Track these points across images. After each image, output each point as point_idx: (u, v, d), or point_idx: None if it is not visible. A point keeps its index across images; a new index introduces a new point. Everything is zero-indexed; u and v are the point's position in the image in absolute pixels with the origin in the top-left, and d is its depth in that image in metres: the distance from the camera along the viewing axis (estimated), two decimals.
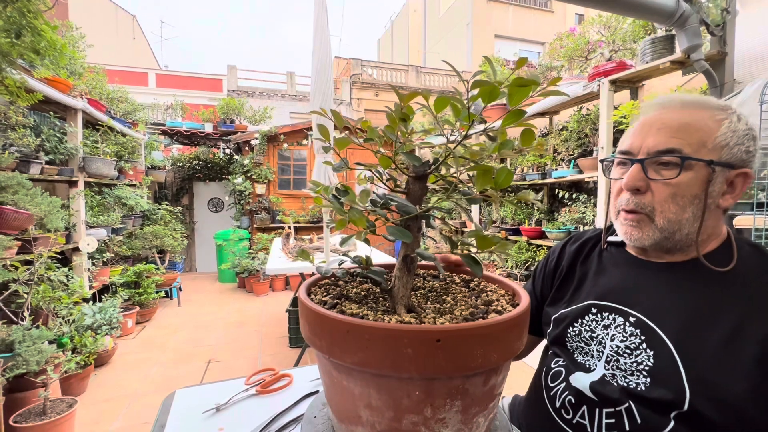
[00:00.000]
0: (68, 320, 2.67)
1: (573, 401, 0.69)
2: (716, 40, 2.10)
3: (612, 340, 0.69)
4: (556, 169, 3.23)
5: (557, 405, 0.72)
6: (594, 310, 0.74)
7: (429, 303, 0.56)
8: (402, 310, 0.52)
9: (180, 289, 5.07)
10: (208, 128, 6.39)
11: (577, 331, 0.75)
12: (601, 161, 0.80)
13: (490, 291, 0.60)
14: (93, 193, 3.78)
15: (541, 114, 3.53)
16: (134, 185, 4.69)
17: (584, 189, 3.40)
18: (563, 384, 0.73)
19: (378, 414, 0.44)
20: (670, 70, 2.25)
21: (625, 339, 0.67)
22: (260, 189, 6.27)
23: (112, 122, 3.92)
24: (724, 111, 0.64)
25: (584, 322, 0.74)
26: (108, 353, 3.07)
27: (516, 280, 3.47)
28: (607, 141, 2.54)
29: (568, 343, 0.76)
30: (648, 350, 0.64)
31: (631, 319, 0.68)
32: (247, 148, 6.38)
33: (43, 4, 1.71)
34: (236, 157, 6.62)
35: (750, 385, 0.55)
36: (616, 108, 2.54)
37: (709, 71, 2.08)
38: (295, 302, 3.68)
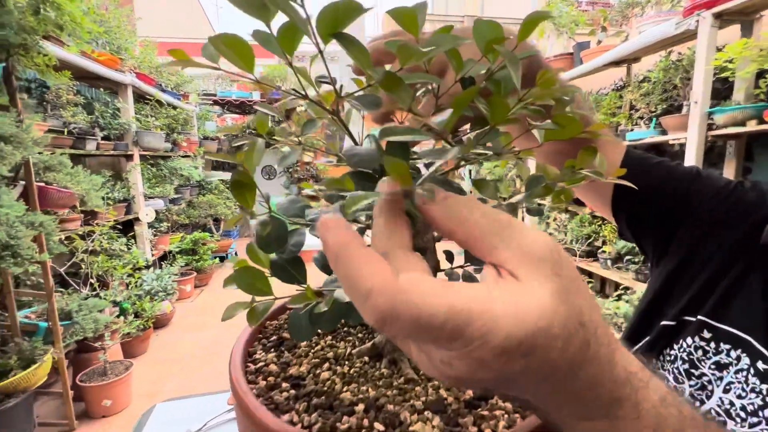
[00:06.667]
0: (130, 287, 2.88)
1: None
2: None
3: (725, 392, 0.45)
4: (632, 130, 2.72)
5: None
6: (706, 334, 0.48)
7: None
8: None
9: (236, 254, 5.34)
10: (256, 96, 6.43)
11: (672, 357, 0.51)
12: None
13: None
14: (149, 166, 3.97)
15: (616, 63, 2.95)
16: (188, 156, 4.88)
17: (667, 153, 2.85)
18: None
19: None
20: None
21: (744, 395, 0.43)
22: (307, 157, 6.27)
23: (161, 95, 4.02)
24: None
25: (684, 346, 0.50)
26: (167, 316, 3.31)
27: (575, 256, 3.11)
28: (704, 93, 2.02)
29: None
30: None
31: (763, 366, 0.43)
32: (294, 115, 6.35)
33: None
34: (284, 124, 6.64)
35: None
36: (719, 50, 1.99)
37: None
38: None
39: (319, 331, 0.48)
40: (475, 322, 0.19)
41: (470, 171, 4.71)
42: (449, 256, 0.45)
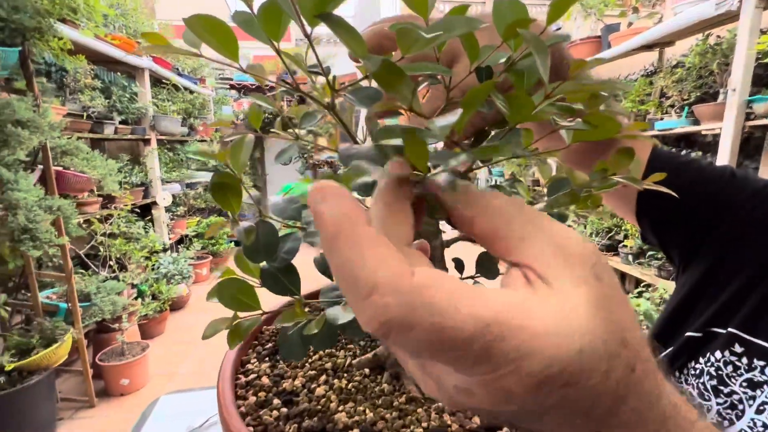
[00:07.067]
0: (147, 270, 2.94)
1: None
2: None
3: (759, 412, 0.40)
4: (662, 119, 2.57)
5: None
6: (737, 348, 0.44)
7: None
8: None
9: None
10: (271, 81, 6.40)
11: (697, 371, 0.47)
12: None
13: None
14: (166, 150, 4.00)
15: (648, 47, 2.77)
16: (204, 141, 4.91)
17: (699, 144, 2.70)
18: None
19: None
20: None
21: None
22: (322, 142, 6.24)
23: (178, 79, 4.02)
24: None
25: (712, 360, 0.45)
26: (183, 299, 3.38)
27: None
28: (744, 79, 1.88)
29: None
30: None
31: None
32: (309, 99, 6.29)
33: None
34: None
35: None
36: (763, 33, 1.85)
37: None
38: None
39: None
40: (509, 340, 0.14)
41: (489, 169, 4.59)
42: (459, 264, 0.41)
